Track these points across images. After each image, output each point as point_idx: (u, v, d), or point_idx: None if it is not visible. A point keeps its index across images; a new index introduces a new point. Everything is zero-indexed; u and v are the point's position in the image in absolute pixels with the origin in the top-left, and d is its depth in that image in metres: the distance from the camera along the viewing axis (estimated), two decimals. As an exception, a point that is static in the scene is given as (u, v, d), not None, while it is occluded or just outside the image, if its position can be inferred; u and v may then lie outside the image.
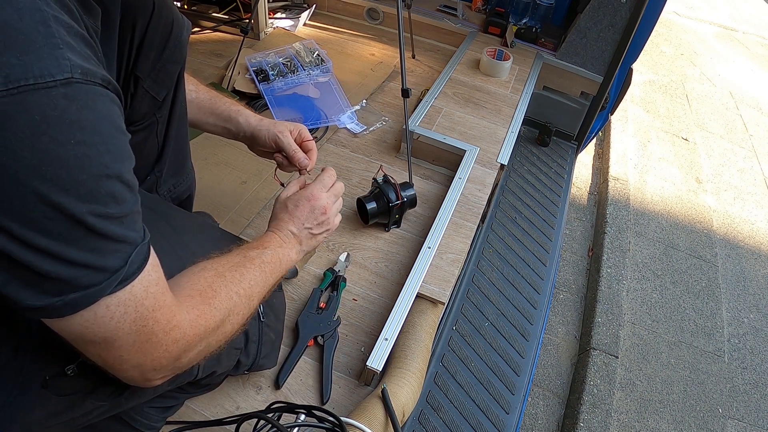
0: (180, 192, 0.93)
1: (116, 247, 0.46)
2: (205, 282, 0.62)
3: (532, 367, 1.20)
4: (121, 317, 0.48)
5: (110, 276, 0.46)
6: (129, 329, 0.49)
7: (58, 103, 0.39)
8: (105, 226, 0.44)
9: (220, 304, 0.61)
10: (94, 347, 0.49)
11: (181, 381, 0.71)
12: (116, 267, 0.46)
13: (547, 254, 1.46)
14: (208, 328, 0.59)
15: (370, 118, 1.64)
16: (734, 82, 4.28)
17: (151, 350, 0.52)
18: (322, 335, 1.02)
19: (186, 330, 0.55)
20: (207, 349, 0.61)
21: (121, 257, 0.46)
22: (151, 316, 0.50)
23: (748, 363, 2.13)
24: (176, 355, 0.55)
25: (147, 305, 0.50)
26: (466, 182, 1.36)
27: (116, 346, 0.49)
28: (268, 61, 1.73)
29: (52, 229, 0.42)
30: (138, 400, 0.67)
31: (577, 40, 1.81)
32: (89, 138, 0.42)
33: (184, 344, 0.55)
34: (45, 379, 0.57)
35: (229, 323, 0.63)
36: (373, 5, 2.15)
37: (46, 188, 0.40)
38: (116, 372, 0.53)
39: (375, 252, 1.23)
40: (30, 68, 0.38)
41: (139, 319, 0.49)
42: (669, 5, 1.80)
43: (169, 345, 0.54)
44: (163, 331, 0.52)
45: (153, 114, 0.80)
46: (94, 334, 0.47)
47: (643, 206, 2.80)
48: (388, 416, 0.87)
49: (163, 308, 0.52)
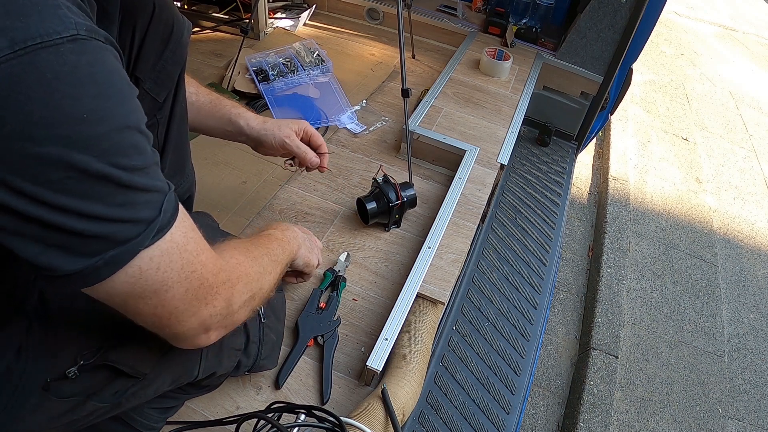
0: (180, 193, 0.93)
1: (146, 197, 0.45)
2: (239, 243, 0.66)
3: (532, 367, 1.20)
4: (167, 266, 0.47)
5: (146, 227, 0.45)
6: (178, 277, 0.49)
7: (68, 59, 0.39)
8: (131, 178, 0.43)
9: (256, 259, 0.65)
10: (146, 304, 0.48)
11: (181, 381, 0.71)
12: (150, 217, 0.45)
13: (547, 254, 1.46)
14: (250, 275, 0.61)
15: (370, 118, 1.64)
16: (734, 82, 4.28)
17: (205, 295, 0.52)
18: (322, 335, 1.02)
19: (231, 272, 0.57)
20: (251, 301, 0.62)
21: (154, 207, 0.46)
22: (197, 260, 0.50)
23: (748, 363, 2.13)
24: (228, 298, 0.56)
25: (190, 250, 0.50)
26: (466, 182, 1.36)
27: (169, 297, 0.49)
28: (268, 61, 1.73)
29: (79, 189, 0.41)
30: (139, 400, 0.66)
31: (577, 40, 1.81)
32: (104, 90, 0.41)
33: (229, 286, 0.56)
34: (46, 382, 0.57)
35: (266, 281, 0.66)
36: (373, 5, 2.15)
37: (65, 148, 0.39)
38: (175, 328, 0.52)
39: (375, 252, 1.23)
40: (35, 28, 0.37)
41: (186, 265, 0.49)
42: (669, 5, 1.80)
43: (220, 287, 0.54)
44: (212, 274, 0.53)
45: (153, 115, 0.80)
46: (143, 288, 0.47)
47: (643, 206, 2.80)
48: (388, 416, 0.87)
49: (206, 251, 0.52)
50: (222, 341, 0.74)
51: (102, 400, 0.61)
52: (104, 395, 0.61)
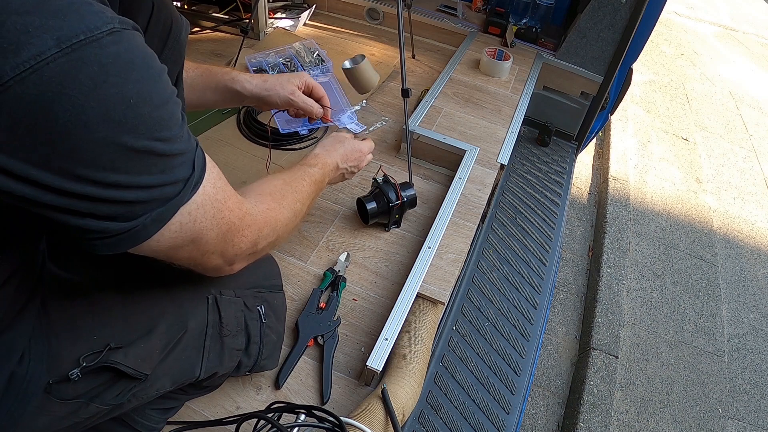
0: None
1: (182, 159, 0.49)
2: (275, 187, 0.75)
3: (532, 367, 1.20)
4: (202, 217, 0.53)
5: (184, 185, 0.50)
6: (211, 224, 0.54)
7: (111, 51, 0.42)
8: (171, 147, 0.47)
9: (288, 205, 0.73)
10: (184, 251, 0.54)
11: (182, 382, 0.71)
12: (187, 175, 0.50)
13: (547, 254, 1.46)
14: (277, 221, 0.68)
15: (370, 118, 1.64)
16: (734, 82, 4.28)
17: (232, 237, 0.58)
18: (322, 335, 1.02)
19: (257, 216, 0.63)
20: (277, 241, 0.70)
21: (188, 165, 0.50)
22: (225, 207, 0.56)
23: (748, 363, 2.13)
24: (252, 239, 0.62)
25: (219, 198, 0.55)
26: (466, 182, 1.36)
27: (203, 242, 0.55)
28: (268, 61, 1.73)
29: (126, 166, 0.44)
30: (140, 401, 0.66)
31: (577, 40, 1.81)
32: (144, 73, 0.45)
33: (256, 229, 0.63)
34: (48, 384, 0.56)
35: (292, 221, 0.74)
36: (373, 5, 2.15)
37: (116, 131, 0.42)
38: (203, 264, 0.59)
39: (375, 252, 1.23)
40: (77, 26, 0.40)
41: (217, 214, 0.55)
42: (669, 5, 1.80)
43: (245, 229, 0.60)
44: (238, 218, 0.59)
45: None
46: (183, 239, 0.52)
47: (643, 206, 2.80)
48: (388, 416, 0.87)
49: (231, 197, 0.58)
50: (223, 341, 0.74)
51: (104, 401, 0.61)
52: (106, 397, 0.61)
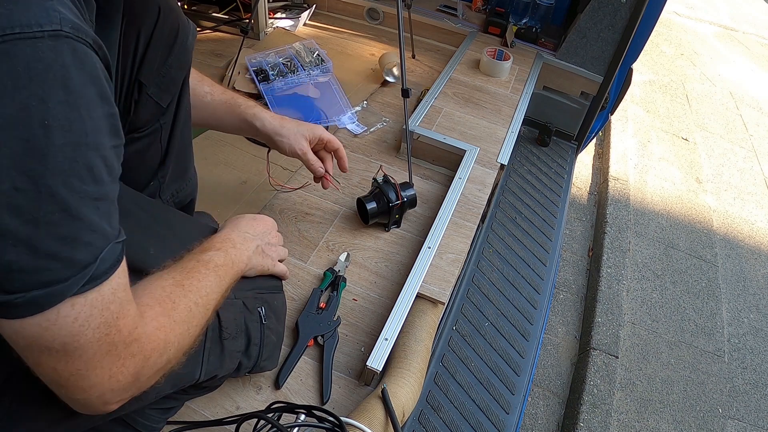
0: (182, 197, 0.93)
1: (88, 237, 0.41)
2: (164, 291, 0.58)
3: (532, 367, 1.20)
4: (85, 320, 0.43)
5: (79, 272, 0.41)
6: (92, 336, 0.44)
7: (44, 56, 0.36)
8: (79, 204, 0.39)
9: (179, 317, 0.57)
10: (49, 357, 0.43)
11: (182, 384, 0.71)
12: (86, 262, 0.41)
13: (547, 254, 1.46)
14: (168, 343, 0.55)
15: (371, 119, 1.64)
16: (734, 82, 4.28)
17: (110, 364, 0.47)
18: (322, 335, 1.02)
19: (144, 344, 0.51)
20: (166, 365, 0.56)
21: (92, 252, 0.42)
22: (114, 324, 0.46)
23: (748, 363, 2.13)
24: (134, 372, 0.50)
25: (113, 310, 0.45)
26: (466, 182, 1.36)
27: (76, 356, 0.44)
28: (268, 61, 1.73)
29: (22, 204, 0.36)
30: (140, 404, 0.66)
31: (577, 40, 1.81)
32: (73, 100, 0.38)
33: (141, 359, 0.50)
34: (47, 388, 0.56)
35: (188, 336, 0.60)
36: (373, 5, 2.15)
37: (21, 150, 0.36)
38: (70, 393, 0.47)
39: (375, 252, 1.23)
40: (17, 17, 0.35)
41: (103, 326, 0.45)
42: (669, 5, 1.80)
43: (127, 359, 0.49)
44: (124, 343, 0.48)
45: (157, 120, 0.79)
46: (53, 338, 0.42)
47: (643, 206, 2.80)
48: (388, 416, 0.87)
49: (126, 317, 0.48)
50: (223, 344, 0.74)
51: None
52: None
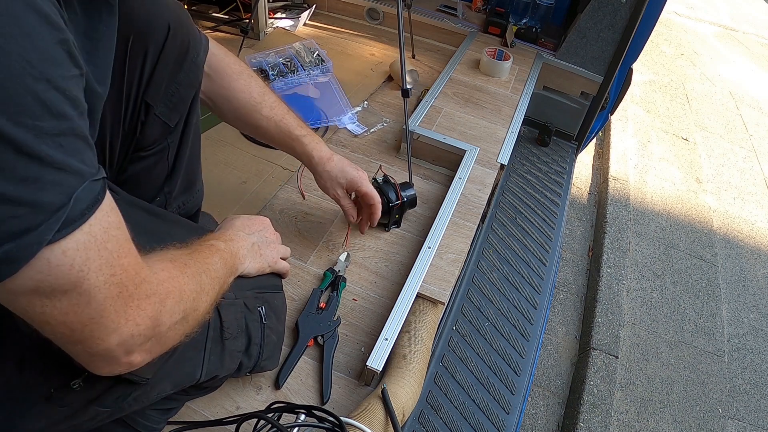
0: (189, 208, 0.92)
1: (53, 176, 0.36)
2: (175, 255, 0.58)
3: (532, 367, 1.20)
4: (83, 264, 0.40)
5: (50, 215, 0.36)
6: (96, 280, 0.41)
7: None
8: (36, 144, 0.35)
9: (191, 273, 0.56)
10: (55, 307, 0.40)
11: (183, 385, 0.71)
12: (57, 204, 0.37)
13: (547, 254, 1.46)
14: (182, 292, 0.53)
15: (371, 119, 1.64)
16: (734, 82, 4.28)
17: (124, 306, 0.45)
18: (322, 335, 1.02)
19: (156, 286, 0.49)
20: (184, 323, 0.54)
21: (62, 191, 0.37)
22: (118, 263, 0.43)
23: (748, 363, 2.13)
24: (152, 315, 0.48)
25: (111, 249, 0.42)
26: (466, 182, 1.36)
27: (84, 303, 0.41)
28: (268, 61, 1.73)
29: None
30: (141, 404, 0.66)
31: (577, 40, 1.81)
32: (5, 28, 0.33)
33: (157, 302, 0.48)
34: (50, 392, 0.56)
35: (201, 301, 0.58)
36: (373, 5, 2.15)
37: None
38: (90, 344, 0.44)
39: (375, 252, 1.23)
40: None
41: (105, 266, 0.42)
42: (669, 5, 1.80)
43: (142, 301, 0.47)
44: (133, 283, 0.45)
45: (164, 139, 0.78)
46: (52, 290, 0.39)
47: (643, 206, 2.80)
48: (388, 416, 0.87)
49: (129, 256, 0.45)
50: (224, 344, 0.74)
51: (104, 405, 0.61)
52: (106, 401, 0.61)
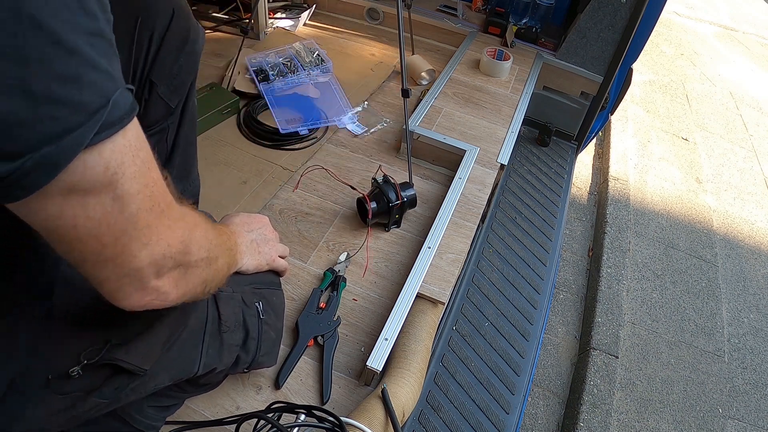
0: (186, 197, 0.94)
1: (93, 76, 0.34)
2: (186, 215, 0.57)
3: (532, 367, 1.20)
4: (118, 167, 0.37)
5: (90, 116, 0.34)
6: (129, 187, 0.39)
7: None
8: (74, 36, 0.32)
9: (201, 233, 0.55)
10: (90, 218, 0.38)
11: (181, 377, 0.71)
12: (97, 105, 0.34)
13: (547, 254, 1.46)
14: (207, 231, 0.54)
15: (371, 120, 1.64)
16: (734, 82, 4.28)
17: (157, 221, 0.43)
18: (322, 335, 1.02)
19: (185, 215, 0.49)
20: (207, 264, 0.54)
21: (101, 93, 0.35)
22: (149, 176, 0.41)
23: (748, 363, 2.13)
24: (182, 239, 0.47)
25: (143, 158, 0.40)
26: (466, 182, 1.36)
27: (118, 210, 0.39)
28: (268, 61, 1.73)
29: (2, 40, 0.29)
30: (138, 395, 0.66)
31: (577, 40, 1.81)
32: None
33: (187, 227, 0.48)
34: (48, 379, 0.56)
35: (220, 256, 0.59)
36: (373, 5, 2.15)
37: None
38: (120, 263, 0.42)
39: (375, 252, 1.23)
40: None
41: (138, 175, 0.40)
42: (669, 5, 1.80)
43: (173, 222, 0.46)
44: (165, 202, 0.44)
45: (165, 120, 0.82)
46: (85, 189, 0.36)
47: (643, 206, 2.80)
48: (388, 416, 0.87)
49: (157, 171, 0.44)
50: (222, 337, 0.74)
51: (102, 395, 0.61)
52: (105, 391, 0.61)
